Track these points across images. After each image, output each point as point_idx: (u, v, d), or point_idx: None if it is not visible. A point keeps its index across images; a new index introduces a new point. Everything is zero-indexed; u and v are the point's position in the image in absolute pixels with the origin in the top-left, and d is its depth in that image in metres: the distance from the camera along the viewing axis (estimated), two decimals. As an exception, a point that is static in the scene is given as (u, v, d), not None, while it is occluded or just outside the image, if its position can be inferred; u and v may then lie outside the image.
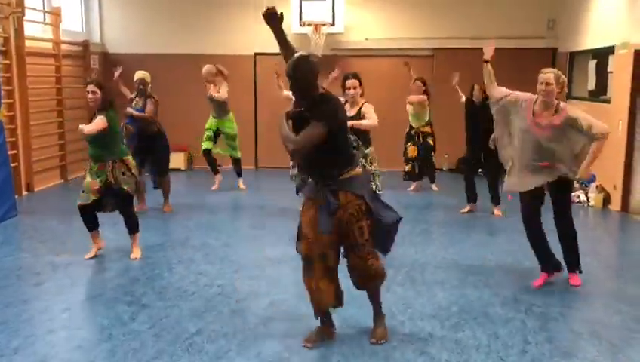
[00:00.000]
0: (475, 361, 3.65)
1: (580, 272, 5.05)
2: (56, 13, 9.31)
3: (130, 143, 6.98)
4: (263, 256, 5.63)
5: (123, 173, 5.42)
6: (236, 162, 8.87)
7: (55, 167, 9.41)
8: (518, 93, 4.98)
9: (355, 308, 4.40)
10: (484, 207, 7.54)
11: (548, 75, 4.73)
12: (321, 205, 3.64)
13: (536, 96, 4.83)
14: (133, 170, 5.54)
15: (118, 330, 4.03)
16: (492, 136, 5.80)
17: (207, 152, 8.65)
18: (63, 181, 9.51)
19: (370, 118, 5.64)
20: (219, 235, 6.41)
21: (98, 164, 5.38)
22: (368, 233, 3.70)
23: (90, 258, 5.55)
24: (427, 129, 8.71)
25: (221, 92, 8.31)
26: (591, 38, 8.86)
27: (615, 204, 7.76)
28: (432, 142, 8.70)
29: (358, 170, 3.76)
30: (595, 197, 7.95)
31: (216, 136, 8.62)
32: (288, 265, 5.25)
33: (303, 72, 3.55)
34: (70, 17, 10.11)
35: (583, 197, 8.11)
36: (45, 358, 3.65)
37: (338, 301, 3.85)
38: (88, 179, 5.40)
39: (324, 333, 3.91)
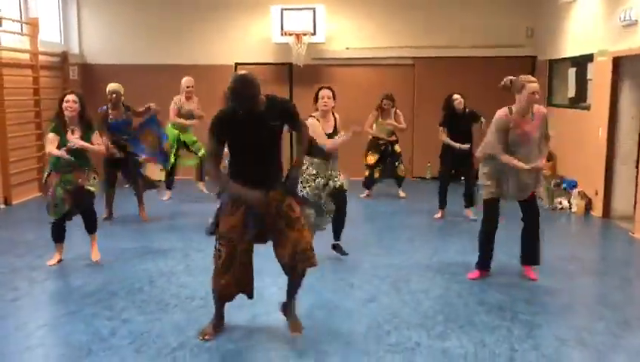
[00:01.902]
0: (461, 371, 3.61)
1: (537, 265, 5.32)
2: (33, 24, 9.17)
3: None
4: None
5: (94, 177, 5.61)
6: (202, 163, 8.61)
7: (33, 179, 9.24)
8: (499, 118, 5.01)
9: (342, 319, 4.36)
10: (453, 211, 7.67)
11: (536, 84, 4.93)
12: (248, 206, 3.78)
13: (507, 108, 4.99)
14: (97, 177, 5.71)
15: (97, 346, 3.93)
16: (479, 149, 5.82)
17: (173, 167, 8.54)
18: (41, 194, 9.33)
19: (341, 133, 5.60)
20: (199, 246, 6.30)
21: (75, 172, 5.43)
22: (298, 210, 3.91)
23: (52, 265, 5.63)
24: (393, 138, 8.87)
25: (199, 111, 8.34)
26: (570, 46, 8.95)
27: (597, 210, 7.81)
28: (399, 149, 8.92)
29: None
30: (577, 204, 8.00)
31: (177, 150, 8.48)
32: (271, 277, 5.16)
33: (250, 90, 3.65)
34: (48, 28, 9.97)
35: (565, 203, 8.16)
36: (21, 376, 3.55)
37: (251, 293, 4.07)
38: (60, 191, 5.45)
39: (220, 326, 4.12)
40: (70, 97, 5.37)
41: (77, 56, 10.67)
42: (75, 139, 5.36)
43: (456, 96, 7.47)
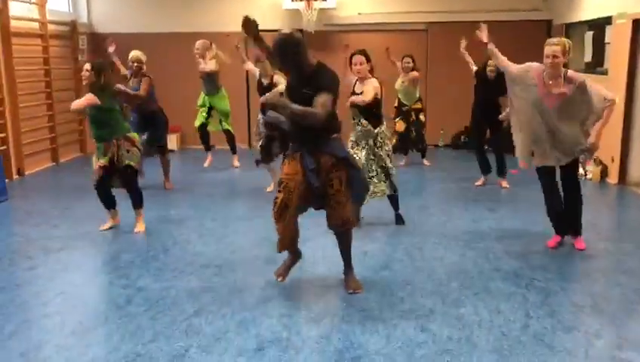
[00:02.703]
0: (477, 337, 3.61)
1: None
2: (41, -7, 9.10)
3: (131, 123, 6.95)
4: (260, 236, 5.55)
5: (127, 151, 5.58)
6: (230, 137, 8.73)
7: (46, 149, 9.28)
8: (527, 64, 4.93)
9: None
10: (467, 178, 7.70)
11: (554, 47, 4.72)
12: (304, 164, 4.01)
13: (543, 66, 4.79)
14: (137, 145, 5.69)
15: (113, 314, 3.97)
16: (504, 112, 5.74)
17: (201, 127, 8.51)
18: (54, 164, 9.39)
19: (365, 94, 5.43)
20: (215, 216, 6.33)
21: (103, 143, 5.52)
22: (345, 184, 4.09)
23: (104, 229, 5.80)
24: (418, 105, 8.81)
25: (208, 64, 8.14)
26: (587, 9, 8.73)
27: (613, 177, 7.72)
28: (423, 119, 8.86)
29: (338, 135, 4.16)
30: (592, 170, 7.90)
31: (209, 112, 8.48)
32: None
33: (292, 48, 3.88)
34: (56, -3, 9.89)
35: (581, 171, 8.05)
36: (40, 343, 3.59)
37: (297, 242, 4.35)
38: (94, 159, 5.62)
39: (292, 264, 4.43)
40: (86, 66, 5.49)
41: (86, 25, 10.59)
42: (73, 103, 5.46)
43: (490, 62, 7.30)
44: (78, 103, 5.44)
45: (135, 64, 7.15)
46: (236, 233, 5.76)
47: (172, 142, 10.20)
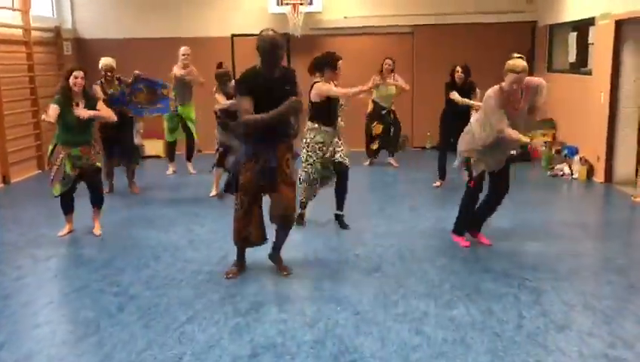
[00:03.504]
0: (471, 338, 3.61)
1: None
2: (25, -1, 8.99)
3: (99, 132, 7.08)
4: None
5: (97, 152, 5.86)
6: (192, 144, 8.73)
7: (32, 157, 9.16)
8: (493, 101, 4.91)
9: (349, 290, 4.37)
10: (453, 179, 7.62)
11: (520, 75, 4.71)
12: (262, 161, 4.37)
13: (499, 86, 4.86)
14: (100, 151, 6.05)
15: (105, 322, 3.92)
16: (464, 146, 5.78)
17: (174, 143, 8.73)
18: (40, 171, 9.27)
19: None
20: (203, 221, 6.29)
21: (80, 147, 5.60)
22: (293, 166, 4.57)
23: (63, 236, 5.82)
24: (394, 107, 8.98)
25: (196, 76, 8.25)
26: (570, 10, 8.82)
27: (599, 176, 7.79)
28: (398, 120, 9.08)
29: None
30: (578, 170, 7.97)
31: (179, 123, 8.49)
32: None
33: (280, 49, 4.30)
34: (40, 2, 9.77)
35: (567, 170, 8.13)
36: (31, 353, 3.53)
37: (264, 237, 4.67)
38: (68, 166, 5.58)
39: (242, 267, 4.75)
40: (78, 73, 5.55)
41: (70, 31, 10.49)
42: (82, 110, 5.52)
43: (457, 68, 7.38)
44: (87, 113, 5.53)
45: (108, 73, 7.13)
46: (225, 238, 5.68)
47: (158, 149, 10.13)
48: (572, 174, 8.06)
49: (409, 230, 5.83)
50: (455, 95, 7.29)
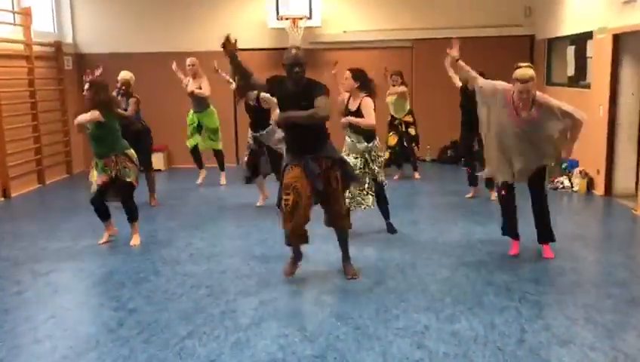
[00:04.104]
0: (473, 353, 3.59)
1: (553, 241, 5.37)
2: (26, 14, 9.04)
3: None
4: (251, 255, 5.52)
5: (124, 167, 5.75)
6: (218, 154, 8.84)
7: (32, 171, 9.17)
8: (495, 83, 5.02)
9: (350, 304, 4.35)
10: (455, 191, 7.85)
11: (528, 84, 4.74)
12: (308, 170, 4.52)
13: (512, 88, 4.91)
14: (134, 162, 5.89)
15: (105, 337, 3.90)
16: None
17: (194, 149, 8.73)
18: (40, 185, 9.28)
19: (368, 117, 5.65)
20: (203, 235, 6.28)
21: (103, 160, 5.71)
22: (340, 181, 4.68)
23: (103, 243, 5.96)
24: (409, 118, 8.93)
25: (203, 89, 8.35)
26: (568, 24, 8.87)
27: (599, 189, 7.79)
28: (413, 132, 8.93)
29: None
30: (578, 183, 7.97)
31: (199, 129, 8.61)
32: (277, 263, 5.15)
33: (304, 64, 4.50)
34: (41, 18, 9.83)
35: (566, 183, 8.13)
36: (31, 370, 3.52)
37: (307, 239, 4.78)
38: (95, 174, 5.74)
39: (296, 264, 4.88)
40: (85, 87, 5.77)
41: (71, 46, 10.54)
42: (80, 117, 5.65)
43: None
44: (82, 118, 5.62)
45: (123, 87, 7.19)
46: (226, 252, 5.71)
47: (159, 161, 10.14)
48: (572, 187, 8.06)
49: (410, 244, 5.82)
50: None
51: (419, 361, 3.50)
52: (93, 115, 5.57)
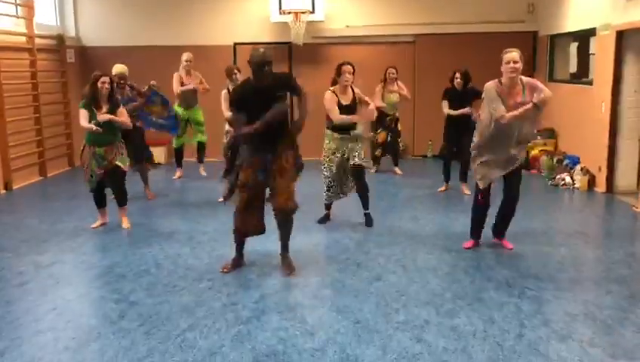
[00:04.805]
0: (472, 347, 3.61)
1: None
2: (29, 6, 9.04)
3: None
4: (251, 249, 5.53)
5: (122, 153, 6.17)
6: (203, 147, 8.96)
7: (34, 164, 9.19)
8: (487, 89, 5.04)
9: (350, 298, 4.37)
10: (457, 187, 7.93)
11: (514, 53, 4.89)
12: (259, 162, 4.73)
13: (497, 80, 4.99)
14: (124, 152, 6.23)
15: (107, 329, 3.93)
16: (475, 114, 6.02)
17: (180, 148, 8.90)
18: (42, 178, 9.30)
19: (368, 102, 6.09)
20: (205, 229, 6.30)
21: (105, 147, 6.02)
22: (292, 161, 4.78)
23: (95, 227, 6.29)
24: (397, 115, 9.05)
25: (204, 83, 8.51)
26: (571, 21, 8.87)
27: (600, 186, 7.80)
28: (399, 128, 9.14)
29: None
30: (580, 180, 7.98)
31: (186, 126, 8.71)
32: (275, 257, 5.17)
33: (271, 59, 4.61)
34: (43, 10, 9.84)
35: (568, 180, 8.14)
36: (33, 360, 3.54)
37: (263, 228, 4.99)
38: (94, 164, 6.02)
39: (238, 262, 5.03)
40: (105, 79, 6.03)
41: (73, 39, 10.54)
42: (103, 115, 5.94)
43: (457, 74, 7.52)
44: (106, 117, 5.94)
45: (121, 80, 7.22)
46: (227, 246, 5.70)
47: (159, 155, 10.15)
48: (573, 184, 8.07)
49: (411, 239, 5.84)
50: (445, 108, 7.48)
51: (418, 355, 3.53)
52: (125, 120, 6.14)
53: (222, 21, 10.51)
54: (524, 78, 5.02)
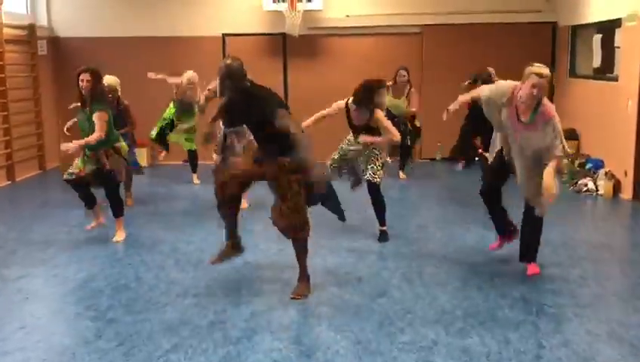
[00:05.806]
0: (485, 370, 3.63)
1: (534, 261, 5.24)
2: (-4, -7, 9.07)
3: None
4: (242, 262, 5.54)
5: (109, 156, 6.05)
6: (194, 155, 8.98)
7: (1, 167, 9.20)
8: (501, 85, 5.05)
9: (350, 316, 4.38)
10: (470, 193, 7.74)
11: (543, 80, 4.67)
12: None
13: (519, 85, 4.83)
14: (123, 155, 6.22)
15: (82, 349, 3.93)
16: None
17: (159, 135, 8.82)
18: (10, 182, 9.30)
19: (390, 132, 6.02)
20: (190, 239, 6.32)
21: (91, 151, 5.94)
22: (297, 186, 4.62)
23: (92, 228, 6.30)
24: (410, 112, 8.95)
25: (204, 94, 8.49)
26: (595, 10, 8.91)
27: (626, 192, 7.82)
28: (418, 125, 9.04)
29: None
30: (604, 185, 8.01)
31: (171, 126, 8.74)
32: (270, 270, 5.19)
33: (233, 72, 4.61)
34: (13, -2, 9.87)
35: (591, 186, 8.17)
36: (-1, 384, 3.55)
37: (239, 195, 5.01)
38: (79, 163, 6.00)
39: (231, 251, 5.04)
40: (83, 76, 5.84)
41: (46, 29, 10.57)
42: (64, 145, 5.75)
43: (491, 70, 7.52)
44: (67, 146, 5.72)
45: (110, 95, 7.15)
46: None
47: (141, 158, 10.15)
48: (597, 190, 8.10)
49: (417, 251, 5.86)
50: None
51: (425, 379, 3.55)
52: (102, 127, 5.84)
53: (208, 9, 10.52)
54: (546, 107, 4.78)
